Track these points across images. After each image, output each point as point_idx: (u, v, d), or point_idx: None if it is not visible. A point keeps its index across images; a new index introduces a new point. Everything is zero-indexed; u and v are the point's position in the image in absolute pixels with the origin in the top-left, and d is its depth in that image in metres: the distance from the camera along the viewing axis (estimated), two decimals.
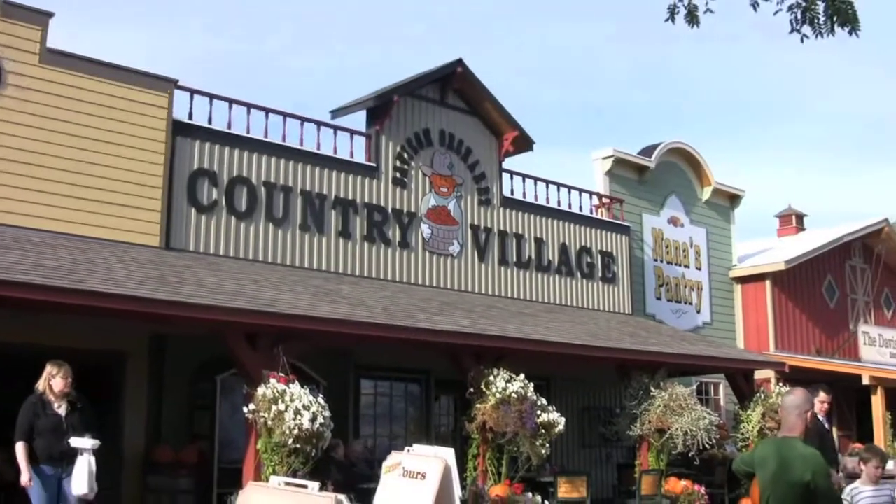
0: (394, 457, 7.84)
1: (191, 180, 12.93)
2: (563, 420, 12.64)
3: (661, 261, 20.15)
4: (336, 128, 14.92)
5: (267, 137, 13.89)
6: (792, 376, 17.74)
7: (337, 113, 15.20)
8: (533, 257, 17.14)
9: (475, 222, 16.32)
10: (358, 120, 15.32)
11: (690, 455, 14.27)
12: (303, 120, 14.44)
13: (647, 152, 20.24)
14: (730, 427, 16.72)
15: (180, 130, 12.91)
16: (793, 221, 26.19)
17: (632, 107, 61.72)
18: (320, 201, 14.26)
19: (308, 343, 11.06)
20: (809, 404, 5.75)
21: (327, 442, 10.37)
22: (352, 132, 15.06)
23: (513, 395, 12.01)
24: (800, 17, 7.15)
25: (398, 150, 15.38)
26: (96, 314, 9.67)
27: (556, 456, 15.88)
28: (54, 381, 8.72)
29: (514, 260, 16.83)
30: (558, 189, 18.03)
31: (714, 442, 14.48)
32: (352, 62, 56.34)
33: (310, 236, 14.09)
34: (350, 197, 14.64)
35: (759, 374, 17.71)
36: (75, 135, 11.92)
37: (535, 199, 17.57)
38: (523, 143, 16.98)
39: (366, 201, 14.82)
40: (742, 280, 21.91)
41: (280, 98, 60.87)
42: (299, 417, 9.79)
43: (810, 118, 63.36)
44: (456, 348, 12.37)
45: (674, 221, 20.61)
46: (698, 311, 20.83)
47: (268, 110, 13.99)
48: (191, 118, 13.16)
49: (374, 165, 15.04)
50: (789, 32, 7.18)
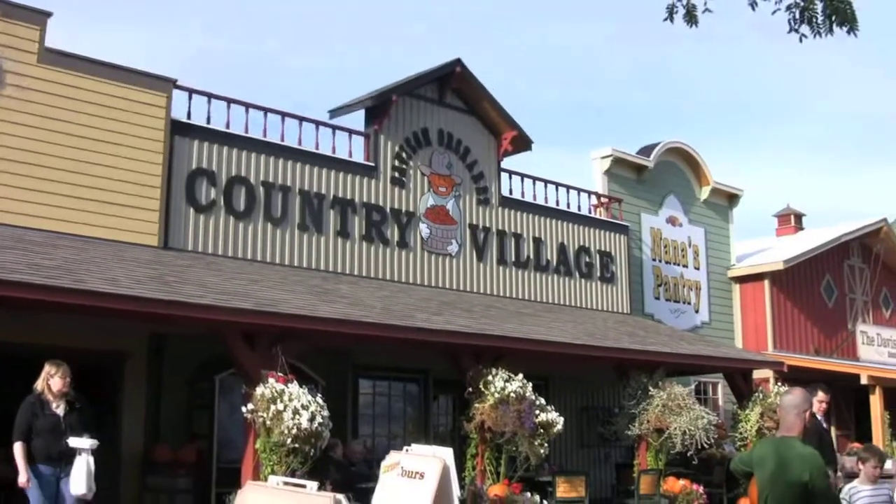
0: (392, 456, 7.83)
1: (189, 180, 12.92)
2: (561, 420, 12.63)
3: (660, 260, 20.16)
4: (334, 127, 14.92)
5: (265, 137, 13.89)
6: (790, 376, 17.75)
7: (335, 113, 15.20)
8: (531, 257, 17.14)
9: (474, 222, 16.32)
10: (356, 120, 15.36)
11: (689, 454, 14.27)
12: (301, 119, 14.43)
13: (645, 152, 20.23)
14: (728, 427, 16.73)
15: (179, 130, 12.91)
16: (791, 221, 26.21)
17: (632, 107, 61.79)
18: (319, 201, 14.26)
19: (307, 343, 11.05)
20: (808, 404, 5.75)
21: (326, 441, 10.37)
22: (350, 132, 15.05)
23: (511, 394, 12.00)
24: (798, 16, 7.15)
25: (397, 149, 15.38)
26: (95, 314, 9.67)
27: (555, 455, 15.88)
28: (53, 381, 8.71)
29: (513, 259, 16.83)
30: (557, 189, 18.03)
31: (712, 441, 14.47)
32: (352, 62, 56.38)
33: (308, 236, 14.09)
34: (348, 197, 14.63)
35: (757, 374, 17.71)
36: (74, 134, 11.91)
37: (534, 198, 17.57)
38: (522, 143, 16.98)
39: (364, 201, 14.82)
40: (740, 280, 21.91)
41: (280, 98, 60.92)
42: (298, 417, 9.79)
43: (810, 118, 63.42)
44: (454, 348, 12.37)
45: (672, 221, 20.61)
46: (697, 311, 20.84)
47: (266, 110, 13.99)
48: (189, 118, 13.16)
49: (373, 165, 15.04)
50: (788, 32, 7.18)
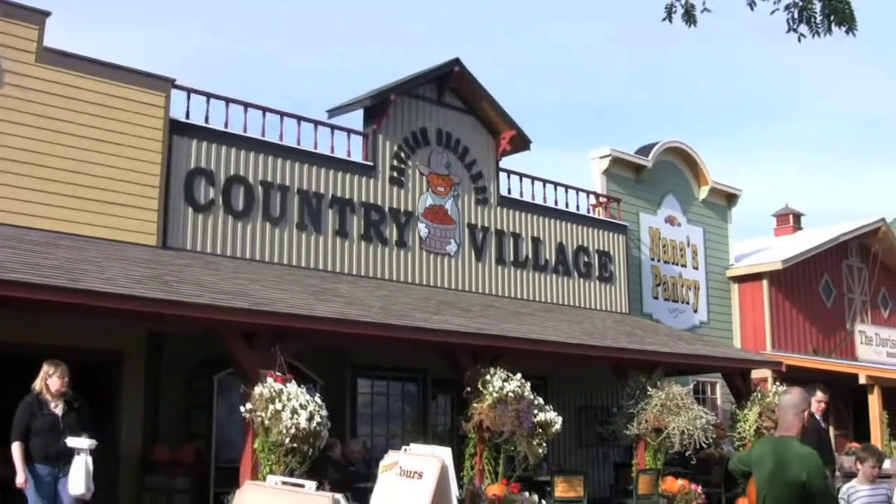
0: (391, 456, 7.84)
1: (188, 179, 12.91)
2: (559, 419, 12.64)
3: (658, 260, 20.16)
4: (333, 127, 14.91)
5: (264, 137, 13.88)
6: (789, 375, 17.77)
7: (334, 112, 15.20)
8: (530, 256, 17.14)
9: (472, 221, 16.31)
10: (355, 119, 15.35)
11: (687, 454, 14.29)
12: (300, 119, 14.43)
13: (644, 152, 20.23)
14: (727, 426, 16.72)
15: (177, 130, 12.89)
16: (790, 221, 26.22)
17: (631, 107, 61.80)
18: (317, 200, 14.26)
19: (305, 342, 11.05)
20: (806, 403, 5.74)
21: (324, 441, 10.36)
22: (349, 131, 15.05)
23: (510, 394, 12.00)
24: (797, 16, 7.15)
25: (395, 149, 15.37)
26: (93, 313, 9.67)
27: (553, 455, 15.89)
28: (51, 381, 8.70)
29: (511, 259, 16.83)
30: (555, 188, 18.03)
31: (711, 441, 14.47)
32: (352, 62, 56.37)
33: (307, 235, 14.09)
34: (347, 196, 14.63)
35: (755, 374, 17.72)
36: (72, 134, 11.90)
37: (532, 198, 17.57)
38: (520, 143, 16.97)
39: (363, 200, 14.81)
40: (739, 279, 21.92)
41: (280, 98, 60.96)
42: (296, 417, 9.78)
43: (810, 118, 63.45)
44: (453, 347, 12.36)
45: (671, 221, 20.61)
46: (695, 311, 20.84)
47: (265, 109, 13.98)
48: (188, 117, 13.15)
49: (371, 165, 15.03)
50: (786, 32, 7.18)
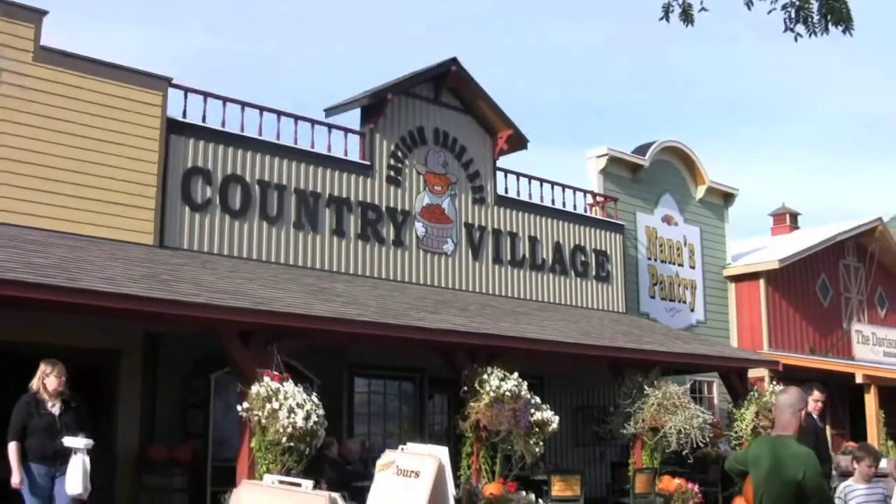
0: (388, 455, 7.82)
1: (185, 178, 12.90)
2: (556, 418, 12.65)
3: (655, 259, 20.17)
4: (330, 126, 14.91)
5: (261, 136, 13.87)
6: (786, 375, 17.75)
7: (331, 111, 15.19)
8: (527, 256, 17.15)
9: (469, 221, 16.31)
10: (352, 118, 15.36)
11: (684, 453, 14.29)
12: (297, 118, 14.42)
13: (641, 151, 20.24)
14: (723, 425, 16.72)
15: (174, 129, 12.89)
16: (787, 220, 26.24)
17: (631, 107, 61.89)
18: (314, 199, 14.25)
19: (302, 341, 11.04)
20: (804, 403, 5.75)
21: (321, 440, 10.37)
22: (346, 130, 15.05)
23: (506, 393, 12.00)
24: (794, 15, 7.15)
25: (392, 148, 15.37)
26: (91, 312, 9.65)
27: (550, 454, 15.90)
28: (48, 380, 8.69)
29: (509, 258, 16.84)
30: (552, 187, 18.03)
31: (708, 440, 14.48)
32: (352, 62, 56.38)
33: (304, 234, 14.08)
34: (344, 195, 14.63)
35: (752, 373, 17.73)
36: (69, 133, 11.88)
37: (530, 197, 17.57)
38: (517, 142, 16.97)
39: (360, 200, 14.81)
40: (736, 279, 21.94)
41: (280, 98, 60.98)
42: (293, 416, 9.78)
43: (809, 118, 63.55)
44: (450, 347, 12.36)
45: (668, 220, 20.62)
46: (692, 310, 20.86)
47: (262, 108, 13.97)
48: (185, 116, 13.13)
49: (369, 164, 15.03)
50: (783, 31, 7.18)
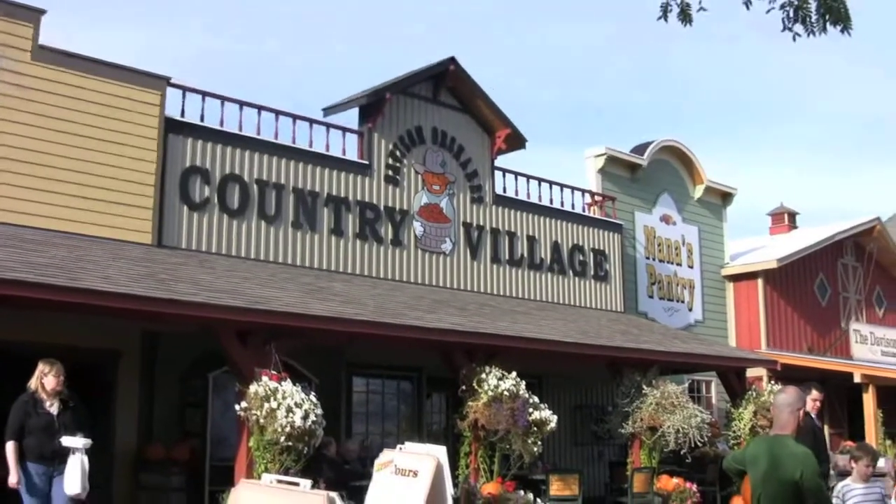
0: (386, 454, 7.82)
1: (183, 178, 12.90)
2: (555, 418, 12.64)
3: (654, 259, 20.17)
4: (328, 125, 14.90)
5: (259, 135, 13.87)
6: (784, 374, 17.75)
7: (329, 111, 15.18)
8: (525, 255, 17.15)
9: (467, 220, 16.31)
10: (350, 118, 15.34)
11: (682, 453, 14.28)
12: (295, 118, 14.41)
13: (639, 150, 20.24)
14: (721, 425, 16.73)
15: (173, 128, 12.88)
16: (785, 220, 26.25)
17: (631, 107, 61.88)
18: (312, 199, 14.25)
19: (300, 340, 11.04)
20: (802, 402, 5.75)
21: (319, 440, 10.37)
22: (344, 130, 15.04)
23: (505, 392, 12.00)
24: (792, 15, 7.15)
25: (390, 147, 15.37)
26: (89, 312, 9.64)
27: (548, 454, 15.90)
28: (46, 380, 8.67)
29: (507, 258, 16.84)
30: (551, 187, 18.03)
31: (706, 440, 14.50)
32: (351, 62, 56.36)
33: (302, 234, 14.08)
34: (342, 195, 14.62)
35: (750, 372, 17.73)
36: (67, 132, 11.87)
37: (528, 196, 17.57)
38: (516, 141, 16.97)
39: (358, 199, 14.81)
40: (734, 278, 21.94)
41: (280, 98, 60.89)
42: (291, 415, 9.77)
43: (809, 118, 63.56)
44: (448, 346, 12.36)
45: (666, 219, 20.63)
46: (690, 309, 20.86)
47: (260, 108, 13.97)
48: (183, 116, 13.12)
49: (367, 163, 15.03)
50: (781, 31, 7.19)
